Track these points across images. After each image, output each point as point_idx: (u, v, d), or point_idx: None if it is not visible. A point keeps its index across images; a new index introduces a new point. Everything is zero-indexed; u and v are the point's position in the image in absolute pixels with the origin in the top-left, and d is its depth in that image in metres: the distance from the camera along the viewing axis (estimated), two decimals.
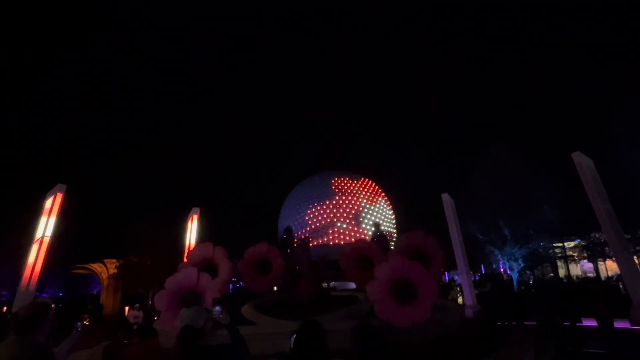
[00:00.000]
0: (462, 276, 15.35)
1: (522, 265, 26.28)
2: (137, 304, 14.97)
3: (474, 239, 26.17)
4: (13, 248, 17.76)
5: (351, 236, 63.24)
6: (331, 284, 27.42)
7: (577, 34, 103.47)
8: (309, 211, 69.91)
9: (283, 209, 75.02)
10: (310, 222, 68.81)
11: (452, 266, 18.18)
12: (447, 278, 31.12)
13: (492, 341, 5.24)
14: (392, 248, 19.18)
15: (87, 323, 3.90)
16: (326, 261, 26.75)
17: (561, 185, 24.17)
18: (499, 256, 26.73)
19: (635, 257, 17.30)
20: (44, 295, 27.81)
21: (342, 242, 59.90)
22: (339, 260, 7.85)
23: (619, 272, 14.91)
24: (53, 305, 2.79)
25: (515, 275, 26.10)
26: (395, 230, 71.85)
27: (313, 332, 2.30)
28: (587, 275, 34.85)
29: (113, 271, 22.85)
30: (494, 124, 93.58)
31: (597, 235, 28.74)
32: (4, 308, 17.47)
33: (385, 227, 65.86)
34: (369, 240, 22.15)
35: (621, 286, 16.03)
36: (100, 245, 28.21)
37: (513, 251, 25.47)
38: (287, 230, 53.02)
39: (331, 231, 67.10)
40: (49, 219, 10.54)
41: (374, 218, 68.94)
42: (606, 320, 7.66)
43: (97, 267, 23.80)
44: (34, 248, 10.16)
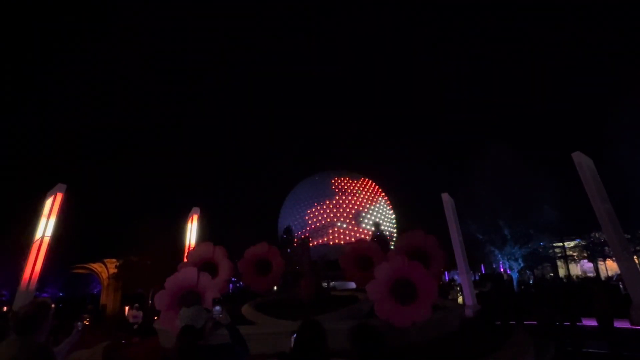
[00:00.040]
0: (462, 276, 15.36)
1: (522, 265, 26.25)
2: (137, 304, 15.03)
3: (474, 239, 26.17)
4: (13, 248, 17.77)
5: (351, 236, 63.18)
6: (331, 284, 27.35)
7: (577, 34, 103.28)
8: (309, 211, 69.85)
9: (283, 209, 75.00)
10: (310, 222, 68.75)
11: (452, 266, 18.21)
12: (447, 278, 31.17)
13: (492, 341, 5.24)
14: (392, 248, 19.17)
15: (87, 323, 3.91)
16: (326, 261, 26.80)
17: (561, 185, 24.23)
18: (499, 256, 26.71)
19: (635, 257, 17.27)
20: (44, 295, 27.75)
21: (342, 242, 59.89)
22: (339, 260, 7.87)
23: (619, 272, 14.91)
24: (53, 305, 2.78)
25: (515, 275, 26.08)
26: (395, 230, 71.87)
27: (313, 332, 2.29)
28: (587, 275, 34.90)
29: (113, 271, 22.84)
30: (494, 124, 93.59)
31: (597, 235, 28.80)
32: (4, 308, 17.45)
33: (385, 227, 65.84)
34: (369, 240, 22.14)
35: (621, 286, 16.05)
36: (100, 245, 28.25)
37: (513, 251, 25.46)
38: (287, 230, 52.98)
39: (331, 231, 67.03)
40: (49, 219, 10.53)
41: (374, 218, 68.92)
42: (606, 320, 7.67)
43: (97, 267, 23.80)
44: (34, 248, 10.16)
